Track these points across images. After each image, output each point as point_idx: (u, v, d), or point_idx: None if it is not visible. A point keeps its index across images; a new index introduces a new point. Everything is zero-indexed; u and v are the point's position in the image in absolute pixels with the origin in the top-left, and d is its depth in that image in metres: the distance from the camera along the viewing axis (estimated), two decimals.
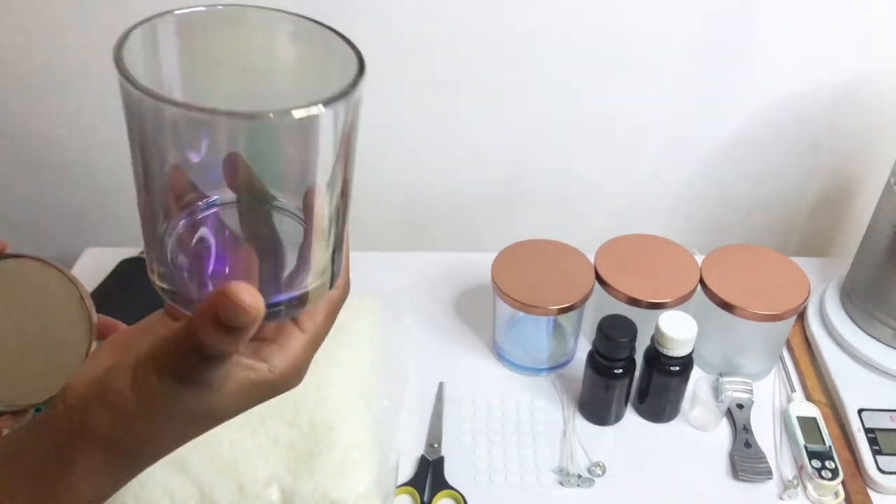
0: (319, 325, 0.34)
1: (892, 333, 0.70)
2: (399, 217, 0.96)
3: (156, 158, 0.29)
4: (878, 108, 0.83)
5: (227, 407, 0.33)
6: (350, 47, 0.31)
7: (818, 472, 0.62)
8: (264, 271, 0.33)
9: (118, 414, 0.31)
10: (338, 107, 0.28)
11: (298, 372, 0.34)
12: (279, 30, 0.33)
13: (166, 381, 0.30)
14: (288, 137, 0.29)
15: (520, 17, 0.77)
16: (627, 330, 0.64)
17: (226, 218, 0.33)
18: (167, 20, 0.30)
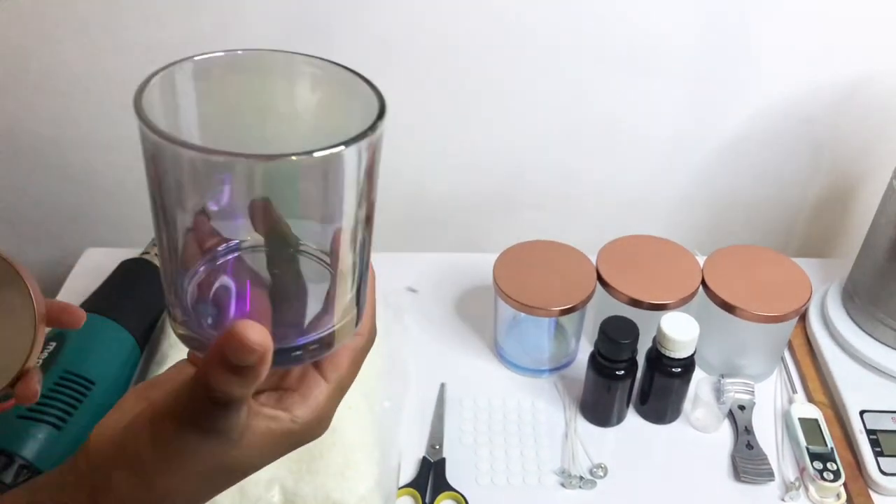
0: (344, 374, 0.34)
1: (894, 334, 0.70)
2: (401, 217, 0.95)
3: (177, 206, 0.29)
4: (880, 108, 0.83)
5: (250, 459, 0.32)
6: (371, 88, 0.31)
7: (820, 474, 0.62)
8: (288, 314, 0.33)
9: (138, 472, 0.31)
10: (359, 147, 0.28)
11: (321, 421, 0.34)
12: (299, 72, 0.33)
13: (183, 432, 0.29)
14: (310, 179, 0.28)
15: (522, 18, 0.77)
16: (629, 331, 0.63)
17: (247, 263, 0.32)
18: (185, 67, 0.30)
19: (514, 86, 0.82)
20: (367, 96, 0.30)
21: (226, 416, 0.29)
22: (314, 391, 0.33)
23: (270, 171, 0.27)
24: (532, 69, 0.81)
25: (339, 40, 0.78)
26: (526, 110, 0.84)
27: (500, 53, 0.79)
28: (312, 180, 0.29)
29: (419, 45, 0.79)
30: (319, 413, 0.33)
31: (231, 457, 0.31)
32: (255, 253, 0.32)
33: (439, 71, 0.81)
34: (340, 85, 0.32)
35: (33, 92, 0.81)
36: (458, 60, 0.80)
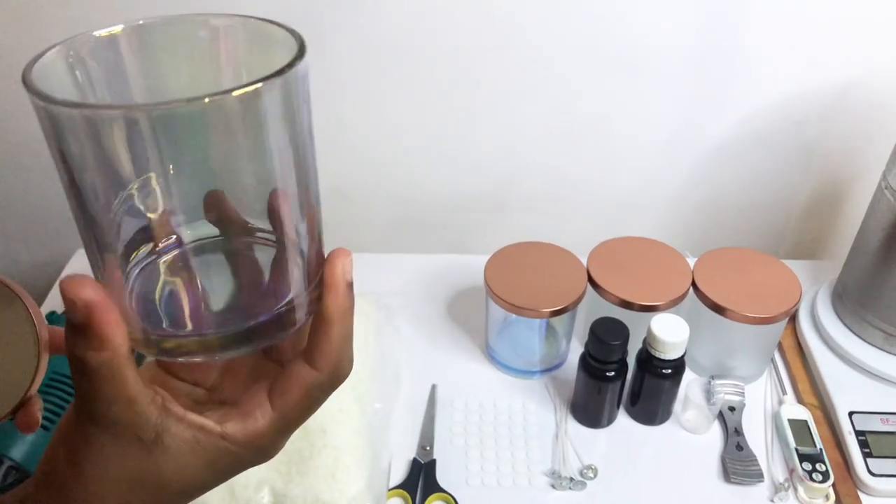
0: (291, 405, 0.31)
1: (883, 336, 0.70)
2: (392, 219, 0.95)
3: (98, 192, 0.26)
4: (870, 111, 0.84)
5: (181, 473, 0.30)
6: (289, 32, 0.28)
7: (809, 475, 0.63)
8: (241, 296, 0.31)
9: (59, 488, 0.30)
10: (277, 84, 0.25)
11: (260, 449, 0.31)
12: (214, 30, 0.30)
13: (85, 430, 0.29)
14: (231, 126, 0.26)
15: (515, 19, 0.77)
16: (619, 333, 0.64)
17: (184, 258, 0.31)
18: (86, 41, 0.28)
19: (505, 87, 0.82)
20: (288, 42, 0.28)
21: (118, 405, 0.28)
22: (255, 412, 0.31)
23: (187, 118, 0.25)
24: (524, 71, 0.81)
25: (331, 41, 0.78)
26: (518, 112, 0.84)
27: (492, 55, 0.79)
28: (234, 127, 0.26)
29: (411, 46, 0.79)
30: (256, 438, 0.31)
31: (154, 465, 0.29)
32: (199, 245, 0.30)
33: (431, 72, 0.81)
34: (261, 35, 0.30)
35: (22, 92, 0.81)
36: (451, 62, 0.80)
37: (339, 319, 0.31)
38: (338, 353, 0.31)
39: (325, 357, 0.31)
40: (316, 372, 0.31)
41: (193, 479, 0.31)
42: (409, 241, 0.97)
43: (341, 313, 0.31)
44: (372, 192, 0.93)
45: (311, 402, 0.32)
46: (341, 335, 0.31)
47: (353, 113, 0.84)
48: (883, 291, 0.69)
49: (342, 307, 0.31)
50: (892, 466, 0.63)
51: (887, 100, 0.81)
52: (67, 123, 0.24)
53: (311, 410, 0.33)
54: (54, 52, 0.27)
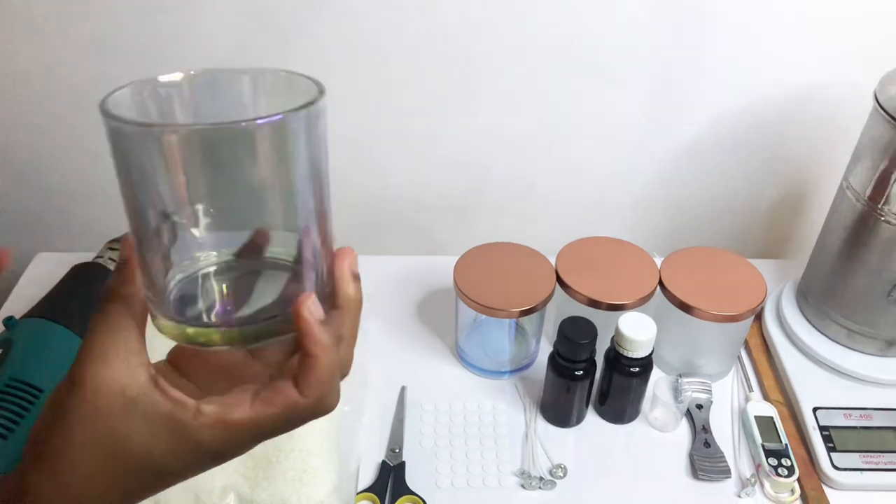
0: (267, 416, 0.32)
1: (846, 333, 0.71)
2: (361, 221, 0.95)
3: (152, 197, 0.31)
4: (832, 114, 0.85)
5: (149, 445, 0.31)
6: (312, 81, 0.34)
7: (775, 470, 0.63)
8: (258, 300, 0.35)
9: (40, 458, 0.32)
10: (299, 118, 0.31)
11: (224, 441, 0.32)
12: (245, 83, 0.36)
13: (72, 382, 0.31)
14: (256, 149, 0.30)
15: (482, 24, 0.77)
16: (587, 332, 0.64)
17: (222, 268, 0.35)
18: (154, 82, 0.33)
19: (473, 89, 0.82)
20: (308, 86, 0.33)
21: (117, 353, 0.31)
22: (234, 405, 0.32)
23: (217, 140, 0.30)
24: (492, 73, 0.81)
25: (298, 42, 0.78)
26: (486, 113, 0.84)
27: (459, 58, 0.79)
28: (262, 151, 0.31)
29: (377, 49, 0.78)
30: (227, 426, 0.31)
31: (126, 429, 0.31)
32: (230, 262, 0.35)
33: (398, 75, 0.81)
34: (284, 85, 0.35)
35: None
36: (418, 64, 0.80)
37: (327, 352, 0.32)
38: (325, 385, 0.33)
39: (312, 386, 0.32)
40: (301, 397, 0.32)
41: (157, 456, 0.31)
42: (378, 243, 0.96)
43: (328, 345, 0.32)
44: (342, 194, 0.91)
45: (288, 422, 0.33)
46: (329, 367, 0.32)
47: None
48: (844, 289, 0.70)
49: (317, 339, 0.32)
50: (856, 460, 0.64)
51: (847, 103, 0.82)
52: (129, 139, 0.30)
53: (287, 429, 0.33)
54: (126, 90, 0.32)
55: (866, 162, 0.65)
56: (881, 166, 0.63)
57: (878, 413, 0.68)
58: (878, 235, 0.65)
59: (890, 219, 0.64)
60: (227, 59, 0.78)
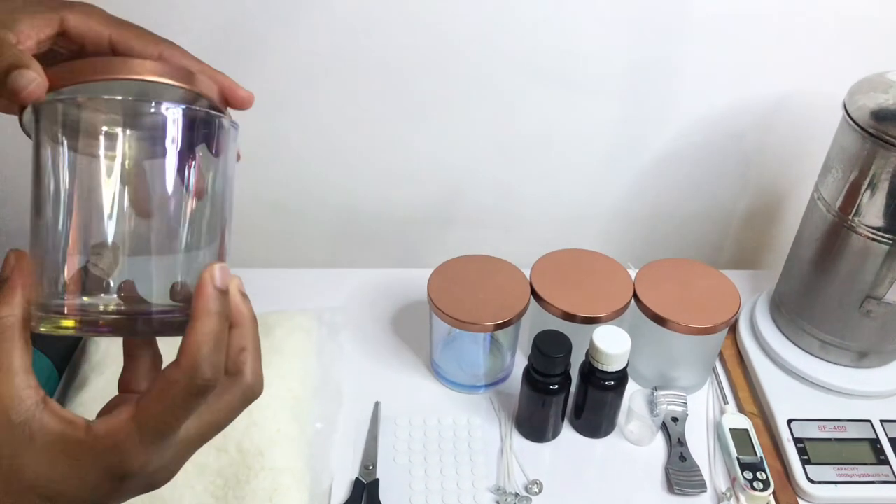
0: (149, 402, 0.31)
1: (819, 344, 0.72)
2: (336, 233, 0.94)
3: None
4: (804, 125, 0.86)
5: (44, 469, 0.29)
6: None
7: (750, 484, 0.63)
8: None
9: None
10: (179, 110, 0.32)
11: (121, 451, 0.30)
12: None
13: None
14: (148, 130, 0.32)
15: (455, 34, 0.76)
16: (562, 345, 0.63)
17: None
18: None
19: (447, 101, 0.82)
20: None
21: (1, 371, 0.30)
22: (120, 408, 0.31)
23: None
24: (466, 85, 0.80)
25: (269, 54, 0.77)
26: (460, 125, 0.84)
27: (433, 70, 0.79)
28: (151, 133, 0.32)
29: (352, 60, 0.78)
30: (114, 433, 0.30)
31: (15, 452, 0.29)
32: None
33: (372, 86, 0.80)
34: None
35: None
36: (392, 77, 0.79)
37: (200, 317, 0.32)
38: (196, 353, 0.31)
39: (185, 355, 0.31)
40: (175, 368, 0.31)
41: (60, 484, 0.30)
42: (353, 256, 0.95)
43: (203, 312, 0.32)
44: (315, 206, 0.91)
45: (171, 402, 0.31)
46: (202, 334, 0.31)
47: (294, 126, 0.83)
48: (817, 300, 0.70)
49: (204, 307, 0.32)
50: (830, 473, 0.64)
51: (818, 113, 0.83)
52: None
53: (176, 415, 0.31)
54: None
55: (836, 172, 0.65)
56: (851, 177, 0.64)
57: (852, 424, 0.68)
58: (850, 246, 0.66)
59: (861, 230, 0.64)
60: None
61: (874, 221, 0.63)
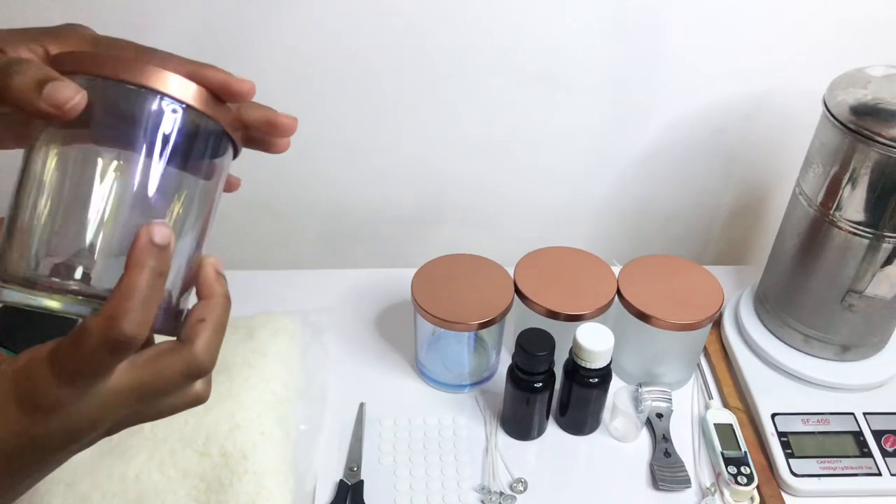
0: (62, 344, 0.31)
1: (802, 338, 0.72)
2: (322, 233, 0.94)
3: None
4: (786, 120, 0.86)
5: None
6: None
7: (734, 478, 0.63)
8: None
9: None
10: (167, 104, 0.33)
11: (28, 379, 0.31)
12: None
13: None
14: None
15: (440, 34, 0.76)
16: (545, 343, 0.63)
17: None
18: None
19: (432, 101, 0.82)
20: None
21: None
22: (44, 346, 0.31)
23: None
24: (451, 85, 0.80)
25: (253, 53, 0.77)
26: (445, 126, 0.84)
27: (417, 70, 0.79)
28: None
29: (336, 60, 0.78)
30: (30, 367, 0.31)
31: None
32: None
33: (357, 86, 0.80)
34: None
35: None
36: (376, 75, 0.79)
37: (129, 270, 0.30)
38: (116, 306, 0.30)
39: (106, 305, 0.30)
40: (94, 317, 0.30)
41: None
42: (338, 257, 0.95)
43: (133, 264, 0.31)
44: (299, 208, 0.91)
45: (84, 350, 0.30)
46: (128, 287, 0.30)
47: None
48: (800, 294, 0.70)
49: (135, 260, 0.31)
50: (813, 466, 0.65)
51: (799, 109, 0.83)
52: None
53: (90, 363, 0.30)
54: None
55: (817, 168, 0.66)
56: (832, 172, 0.64)
57: (835, 417, 0.68)
58: (831, 241, 0.66)
59: (841, 224, 0.64)
60: None
61: (855, 216, 0.63)
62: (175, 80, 0.33)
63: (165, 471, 0.59)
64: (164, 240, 0.31)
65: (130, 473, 0.59)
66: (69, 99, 0.30)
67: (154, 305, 0.31)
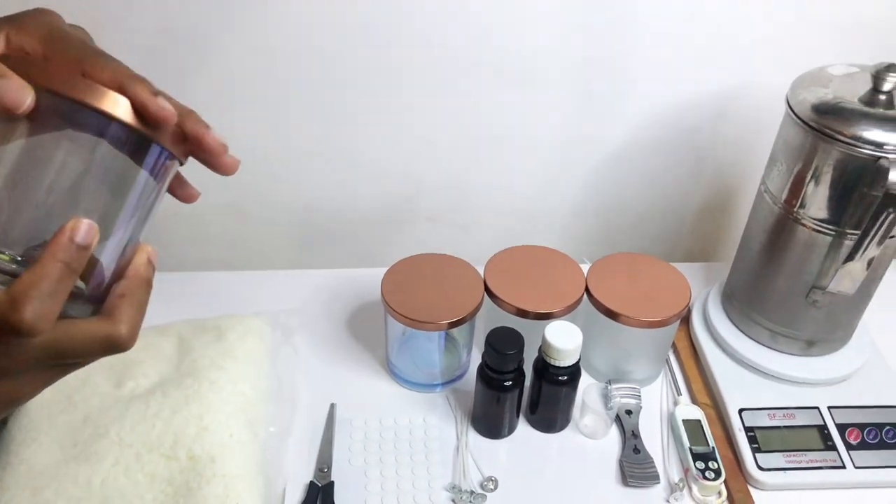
0: None
1: (769, 334, 0.73)
2: (292, 234, 0.93)
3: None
4: (755, 118, 0.87)
5: None
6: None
7: (702, 474, 0.64)
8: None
9: None
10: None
11: None
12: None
13: None
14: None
15: (408, 31, 0.76)
16: (514, 342, 0.63)
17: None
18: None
19: (403, 99, 0.82)
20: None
21: None
22: None
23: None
24: (422, 84, 0.80)
25: (215, 53, 0.76)
26: (416, 124, 0.84)
27: (387, 66, 0.79)
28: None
29: (305, 60, 0.77)
30: None
31: None
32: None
33: (327, 84, 0.80)
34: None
35: None
36: (345, 73, 0.79)
37: (43, 259, 0.31)
38: (20, 291, 0.31)
39: (12, 287, 0.31)
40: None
41: None
42: (308, 257, 0.95)
43: (48, 255, 0.32)
44: (270, 208, 0.90)
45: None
46: (36, 275, 0.31)
47: (247, 125, 0.82)
48: (766, 291, 0.71)
49: (51, 252, 0.32)
50: (780, 460, 0.66)
51: (767, 106, 0.84)
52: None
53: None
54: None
55: (781, 166, 0.66)
56: (795, 170, 0.65)
57: (801, 412, 0.69)
58: (796, 238, 0.67)
59: (805, 221, 0.65)
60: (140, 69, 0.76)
61: (818, 213, 0.64)
62: (108, 97, 0.34)
63: (132, 475, 0.59)
64: (85, 240, 0.32)
65: (96, 479, 0.58)
66: (16, 100, 0.31)
67: (60, 301, 0.32)
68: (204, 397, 0.64)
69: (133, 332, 0.35)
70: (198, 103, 0.39)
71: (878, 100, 0.60)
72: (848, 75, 0.64)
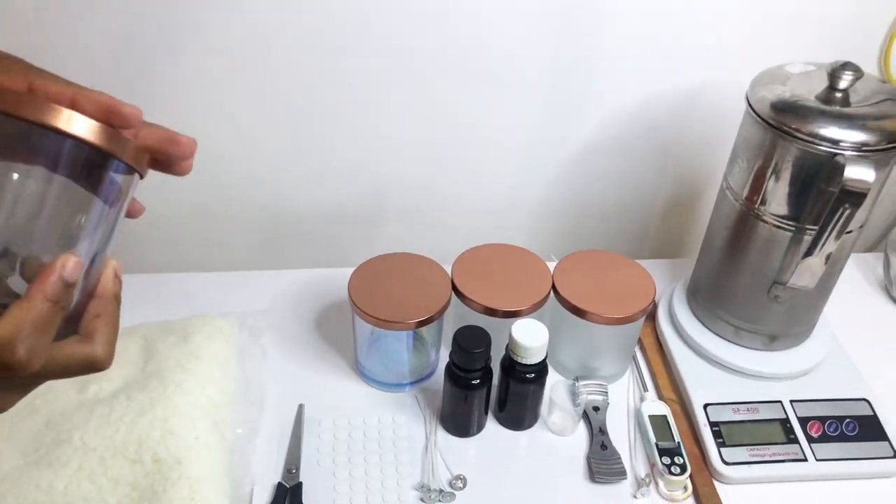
0: None
1: (733, 330, 0.74)
2: (259, 235, 0.93)
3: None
4: (718, 116, 0.88)
5: None
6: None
7: (668, 469, 0.65)
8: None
9: None
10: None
11: None
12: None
13: None
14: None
15: (375, 29, 0.76)
16: (481, 340, 0.64)
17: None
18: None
19: (368, 99, 0.81)
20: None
21: None
22: None
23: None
24: (389, 82, 0.80)
25: (184, 50, 0.75)
26: (382, 124, 0.84)
27: (354, 64, 0.78)
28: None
29: (271, 55, 0.77)
30: None
31: None
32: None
33: (292, 84, 0.79)
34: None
35: None
36: (312, 72, 0.79)
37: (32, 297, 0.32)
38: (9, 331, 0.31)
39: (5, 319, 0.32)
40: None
41: None
42: (276, 257, 0.94)
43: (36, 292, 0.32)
44: (236, 209, 0.90)
45: None
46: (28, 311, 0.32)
47: (212, 126, 0.81)
48: (729, 286, 0.72)
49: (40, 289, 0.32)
50: (744, 454, 0.67)
51: (730, 104, 0.85)
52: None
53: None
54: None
55: (742, 163, 0.67)
56: (755, 167, 0.66)
57: (764, 406, 0.70)
58: (757, 234, 0.68)
59: (766, 218, 0.66)
60: (106, 71, 0.75)
61: (778, 210, 0.65)
62: (65, 115, 0.33)
63: (96, 480, 0.58)
64: (72, 277, 0.33)
65: (59, 484, 0.57)
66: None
67: (51, 336, 0.33)
68: (169, 400, 0.63)
69: (111, 352, 0.36)
70: (165, 105, 0.40)
71: (835, 97, 0.62)
72: (805, 73, 0.65)
